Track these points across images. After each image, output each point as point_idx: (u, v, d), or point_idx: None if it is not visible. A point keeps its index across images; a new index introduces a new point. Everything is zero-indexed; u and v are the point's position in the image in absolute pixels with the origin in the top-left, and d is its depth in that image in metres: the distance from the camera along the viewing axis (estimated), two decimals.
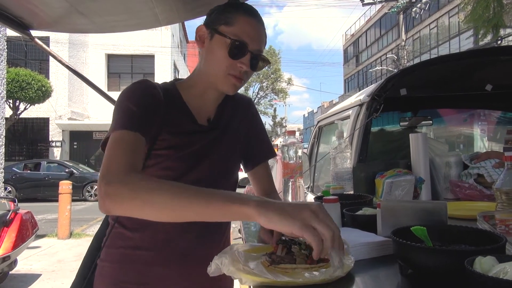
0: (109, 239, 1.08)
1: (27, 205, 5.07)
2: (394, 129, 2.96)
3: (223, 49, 1.01)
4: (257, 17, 1.06)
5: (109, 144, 0.90)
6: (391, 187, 1.68)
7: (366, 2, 19.38)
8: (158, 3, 1.42)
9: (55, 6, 1.37)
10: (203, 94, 1.12)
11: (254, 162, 1.28)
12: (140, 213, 0.79)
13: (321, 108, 44.37)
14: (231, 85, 1.05)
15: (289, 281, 0.71)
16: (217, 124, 1.15)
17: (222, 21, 1.03)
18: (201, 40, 1.07)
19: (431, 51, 22.33)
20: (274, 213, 0.69)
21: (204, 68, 1.08)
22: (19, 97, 13.24)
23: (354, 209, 1.22)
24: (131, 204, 0.78)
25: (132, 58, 19.64)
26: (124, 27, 1.70)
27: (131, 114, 0.94)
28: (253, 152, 1.27)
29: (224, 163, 1.15)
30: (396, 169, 1.79)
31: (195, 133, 1.09)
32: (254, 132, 1.27)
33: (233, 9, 1.05)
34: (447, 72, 2.05)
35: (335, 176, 1.73)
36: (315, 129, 2.87)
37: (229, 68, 1.02)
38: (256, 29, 1.04)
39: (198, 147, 1.08)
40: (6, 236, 3.97)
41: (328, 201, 1.20)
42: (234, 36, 1.01)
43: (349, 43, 36.98)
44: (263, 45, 1.07)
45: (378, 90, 1.82)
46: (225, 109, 1.18)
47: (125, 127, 0.91)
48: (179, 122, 1.07)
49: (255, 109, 1.30)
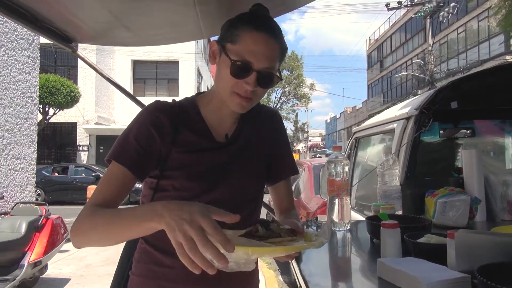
0: (136, 253, 1.10)
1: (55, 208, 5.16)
2: (433, 140, 2.84)
3: (227, 68, 0.96)
4: (266, 31, 0.96)
5: (103, 175, 0.99)
6: (444, 207, 1.58)
7: (391, 6, 19.06)
8: (203, 16, 1.38)
9: (100, 20, 1.35)
10: (219, 109, 1.07)
11: (275, 179, 1.21)
12: (96, 244, 0.95)
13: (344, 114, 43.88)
14: (237, 104, 1.00)
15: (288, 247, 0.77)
16: (235, 140, 1.10)
17: (229, 38, 0.98)
18: (213, 56, 1.03)
19: (459, 55, 21.73)
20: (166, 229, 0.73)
21: (215, 85, 1.06)
22: (49, 102, 13.60)
23: (414, 235, 1.13)
24: (85, 241, 0.91)
25: (157, 64, 19.93)
26: (167, 40, 1.68)
27: (127, 146, 0.97)
28: (275, 168, 1.19)
29: (244, 181, 1.08)
30: (448, 188, 1.69)
31: (210, 150, 1.05)
32: (277, 147, 1.20)
33: (239, 23, 0.98)
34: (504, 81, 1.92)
35: (383, 194, 1.64)
36: (351, 141, 2.77)
37: (234, 87, 0.97)
38: (263, 45, 0.95)
39: (212, 165, 1.03)
40: (38, 241, 4.04)
41: (387, 226, 1.12)
42: (236, 55, 0.95)
43: (373, 48, 36.47)
44: (274, 61, 0.98)
45: (427, 103, 1.72)
46: (246, 124, 1.13)
47: (116, 159, 0.96)
48: (192, 139, 1.03)
49: (280, 123, 1.23)
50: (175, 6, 1.30)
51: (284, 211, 1.21)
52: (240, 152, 1.09)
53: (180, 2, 1.27)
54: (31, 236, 4.00)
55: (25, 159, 5.41)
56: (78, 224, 0.90)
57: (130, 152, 0.96)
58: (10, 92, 5.12)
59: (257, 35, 0.95)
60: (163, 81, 20.15)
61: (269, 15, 1.05)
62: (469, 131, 2.64)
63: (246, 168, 1.10)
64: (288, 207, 1.22)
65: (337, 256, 1.44)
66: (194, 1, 1.25)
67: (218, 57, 1.01)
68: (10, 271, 3.71)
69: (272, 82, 1.00)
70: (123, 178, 0.95)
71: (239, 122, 1.12)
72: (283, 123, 1.26)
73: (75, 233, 0.90)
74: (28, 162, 5.49)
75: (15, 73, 5.23)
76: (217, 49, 1.01)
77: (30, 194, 5.52)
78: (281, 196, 1.22)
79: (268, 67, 0.97)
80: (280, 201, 1.23)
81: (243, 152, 1.10)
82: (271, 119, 1.20)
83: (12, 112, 5.14)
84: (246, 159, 1.10)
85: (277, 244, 0.77)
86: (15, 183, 5.15)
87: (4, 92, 4.99)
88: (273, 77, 0.99)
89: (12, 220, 4.04)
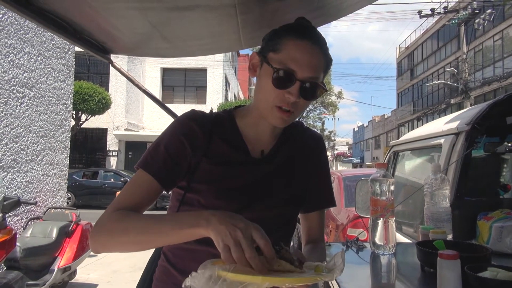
0: (157, 270, 1.09)
1: (85, 212, 5.24)
2: (477, 155, 2.68)
3: (269, 78, 0.91)
4: (311, 39, 0.92)
5: (129, 181, 0.97)
6: (501, 232, 1.45)
7: (423, 14, 18.64)
8: (243, 26, 1.33)
9: (139, 31, 1.32)
10: (257, 123, 1.02)
11: (309, 208, 1.12)
12: (120, 249, 0.92)
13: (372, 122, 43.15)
14: (278, 118, 0.94)
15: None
16: (272, 158, 1.03)
17: (271, 48, 0.93)
18: (254, 68, 0.99)
19: (495, 64, 20.96)
20: (214, 232, 0.73)
21: (255, 98, 1.00)
22: (82, 109, 14.02)
23: (475, 267, 1.01)
24: (109, 245, 0.88)
25: (185, 72, 20.24)
26: (206, 51, 1.64)
27: (156, 156, 0.95)
28: (311, 197, 1.11)
29: (276, 204, 1.01)
30: (503, 210, 1.55)
31: (243, 165, 0.99)
32: (317, 174, 1.12)
33: (284, 32, 0.94)
34: None
35: (431, 216, 1.52)
36: (389, 154, 2.65)
37: (275, 100, 0.92)
38: (307, 53, 0.91)
39: (244, 183, 0.97)
40: (68, 247, 4.09)
41: (445, 257, 1.01)
42: (279, 64, 0.90)
43: (404, 56, 35.77)
44: (318, 71, 0.92)
45: (480, 118, 1.60)
46: (287, 144, 1.06)
47: (144, 167, 0.94)
48: (225, 151, 0.99)
49: (324, 150, 1.16)
50: (217, 16, 1.26)
51: (312, 242, 1.13)
52: (276, 171, 1.02)
53: (223, 12, 1.22)
54: (62, 242, 4.06)
55: (58, 164, 5.53)
56: (101, 227, 0.88)
57: (159, 162, 0.94)
58: (46, 99, 5.25)
59: (301, 43, 0.91)
60: (191, 88, 20.43)
61: (313, 26, 1.00)
62: None
63: (282, 190, 1.03)
64: (316, 239, 1.13)
65: (381, 283, 1.34)
66: (237, 11, 1.20)
67: (259, 69, 0.96)
68: (41, 276, 3.76)
69: (315, 94, 0.94)
70: (148, 186, 0.93)
71: (279, 140, 1.05)
72: (326, 150, 1.18)
73: (97, 236, 0.88)
74: (61, 167, 5.60)
75: (51, 81, 5.37)
76: (257, 61, 0.97)
77: (62, 199, 5.63)
78: (312, 226, 1.14)
79: (312, 77, 0.91)
80: (310, 231, 1.15)
81: (280, 172, 1.03)
82: (315, 143, 1.13)
83: (47, 119, 5.27)
84: (283, 180, 1.03)
85: (287, 273, 0.74)
86: (48, 188, 5.26)
87: (40, 100, 5.12)
88: (317, 88, 0.93)
89: (44, 225, 4.11)
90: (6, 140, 4.49)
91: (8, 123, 4.52)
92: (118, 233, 0.86)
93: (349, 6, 1.48)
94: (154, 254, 1.20)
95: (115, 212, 0.88)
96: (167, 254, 1.05)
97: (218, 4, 1.16)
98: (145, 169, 0.93)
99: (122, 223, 0.86)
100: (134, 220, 0.86)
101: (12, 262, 3.62)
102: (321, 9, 1.42)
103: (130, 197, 0.92)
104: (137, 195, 0.92)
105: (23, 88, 4.77)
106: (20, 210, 4.72)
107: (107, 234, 0.87)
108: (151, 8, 1.15)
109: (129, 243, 0.86)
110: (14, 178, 4.63)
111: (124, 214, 0.87)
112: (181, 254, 1.02)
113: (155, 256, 1.18)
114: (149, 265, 1.19)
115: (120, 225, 0.86)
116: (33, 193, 4.95)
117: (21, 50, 4.75)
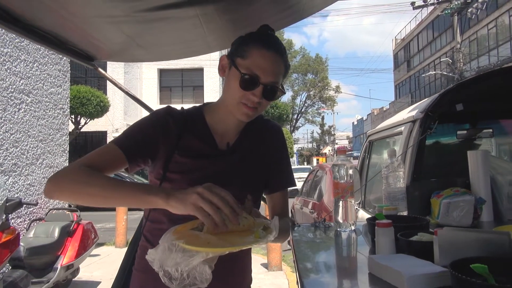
0: (138, 249, 1.21)
1: (87, 214, 5.38)
2: (450, 142, 2.83)
3: (237, 80, 1.06)
4: (273, 49, 1.08)
5: (98, 148, 1.07)
6: (448, 208, 1.61)
7: (416, 5, 18.73)
8: (210, 33, 1.49)
9: (116, 40, 1.48)
10: (224, 119, 1.17)
11: (272, 189, 1.30)
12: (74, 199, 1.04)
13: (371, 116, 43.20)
14: (243, 113, 1.09)
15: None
16: (236, 149, 1.18)
17: (239, 54, 1.08)
18: (223, 69, 1.14)
19: (490, 52, 21.03)
20: (176, 201, 0.87)
21: (223, 96, 1.15)
22: (80, 113, 14.13)
23: (409, 233, 1.18)
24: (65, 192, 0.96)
25: (182, 72, 20.35)
26: (179, 55, 1.80)
27: (129, 136, 1.08)
28: (273, 180, 1.28)
29: (242, 189, 1.13)
30: (453, 188, 1.71)
31: (211, 157, 1.14)
32: (276, 160, 1.29)
33: (250, 41, 1.09)
34: (509, 83, 1.94)
35: (388, 196, 1.69)
36: (365, 144, 2.82)
37: (241, 98, 1.07)
38: (270, 61, 1.07)
39: (212, 172, 1.12)
40: (70, 245, 4.23)
41: (381, 225, 1.18)
42: (246, 69, 1.05)
43: (400, 48, 35.81)
44: (279, 76, 1.09)
45: (432, 106, 1.76)
46: (249, 135, 1.21)
47: (116, 142, 1.05)
48: (195, 145, 1.13)
49: (282, 138, 1.32)
50: (184, 26, 1.42)
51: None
52: (239, 161, 1.18)
53: (189, 22, 1.38)
54: (64, 241, 4.19)
55: (58, 167, 5.70)
56: (64, 175, 0.97)
57: (131, 140, 1.07)
58: (43, 104, 5.42)
59: (267, 52, 1.07)
60: (188, 88, 20.56)
61: (275, 35, 1.16)
62: (490, 131, 2.62)
63: (244, 178, 1.18)
64: (280, 214, 1.26)
65: (341, 254, 1.51)
66: (201, 21, 1.36)
67: (228, 70, 1.12)
68: (45, 274, 3.90)
69: (276, 95, 1.11)
70: (115, 155, 1.03)
71: (242, 133, 1.21)
72: (285, 138, 1.34)
73: (57, 181, 0.96)
74: None
75: (47, 86, 5.53)
76: (226, 63, 1.13)
77: (63, 201, 5.81)
78: (276, 204, 1.32)
79: (274, 82, 1.08)
80: (274, 209, 1.32)
81: (243, 162, 1.18)
82: (274, 134, 1.29)
83: (45, 124, 5.43)
84: (245, 169, 1.19)
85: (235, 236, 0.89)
86: None
87: (37, 105, 5.29)
88: (277, 90, 1.10)
89: (46, 226, 4.24)
90: (6, 145, 4.66)
91: (8, 128, 4.69)
92: (80, 184, 0.94)
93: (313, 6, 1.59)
94: (135, 236, 1.36)
95: (82, 167, 0.98)
96: (146, 235, 1.18)
97: (183, 15, 1.31)
98: (116, 144, 1.05)
99: (87, 176, 0.95)
100: (99, 177, 0.96)
101: (16, 261, 3.75)
102: (286, 11, 1.54)
103: (97, 159, 1.02)
104: (103, 159, 1.02)
105: (20, 94, 4.94)
106: (22, 212, 4.90)
107: (69, 182, 0.96)
108: (123, 22, 1.30)
109: (87, 195, 0.95)
110: (15, 181, 4.81)
111: (90, 170, 0.97)
112: (159, 234, 1.15)
113: (136, 237, 1.33)
114: (131, 246, 1.34)
115: (85, 177, 0.95)
116: (34, 195, 5.13)
117: (17, 58, 4.91)
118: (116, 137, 1.09)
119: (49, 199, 1.18)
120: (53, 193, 0.96)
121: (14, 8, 1.20)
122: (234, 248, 0.87)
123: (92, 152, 1.05)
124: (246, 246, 0.90)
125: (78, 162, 1.01)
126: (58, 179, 0.97)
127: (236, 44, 1.13)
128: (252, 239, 0.90)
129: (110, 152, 1.04)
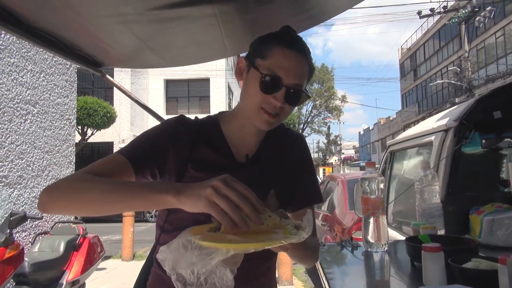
0: (150, 278, 1.09)
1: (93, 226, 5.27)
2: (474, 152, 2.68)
3: (256, 83, 0.95)
4: (297, 49, 0.97)
5: (104, 157, 0.97)
6: (492, 225, 1.46)
7: (423, 14, 18.64)
8: (227, 35, 1.37)
9: (126, 43, 1.37)
10: (242, 128, 1.05)
11: (297, 206, 1.13)
12: (72, 210, 0.90)
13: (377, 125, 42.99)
14: (264, 120, 0.97)
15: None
16: (256, 161, 1.05)
17: (258, 54, 0.97)
18: (240, 72, 1.03)
19: (498, 61, 20.84)
20: (187, 198, 0.75)
21: (241, 101, 1.03)
22: (87, 123, 14.15)
23: (459, 259, 1.03)
24: (62, 203, 0.85)
25: (188, 83, 20.39)
26: (193, 59, 1.68)
27: (137, 146, 0.98)
28: (297, 196, 1.12)
29: None
30: (494, 204, 1.56)
31: (228, 170, 0.98)
32: (301, 173, 1.14)
33: (271, 40, 0.98)
34: None
35: (423, 212, 1.53)
36: (386, 154, 2.66)
37: (261, 103, 0.96)
38: (293, 62, 0.96)
39: None
40: (75, 260, 4.12)
41: (429, 249, 1.03)
42: (266, 70, 0.94)
43: (406, 57, 35.70)
44: (303, 79, 0.98)
45: (467, 113, 1.62)
46: (269, 146, 1.09)
47: (122, 153, 0.95)
48: (210, 157, 1.01)
49: (305, 148, 1.18)
50: (200, 26, 1.30)
51: None
52: (261, 174, 1.04)
53: (205, 22, 1.26)
54: (69, 255, 4.08)
55: None
56: (59, 183, 0.86)
57: (138, 151, 0.97)
58: (50, 115, 5.34)
59: (289, 52, 0.96)
60: (195, 98, 20.58)
61: (299, 36, 1.04)
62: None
63: (266, 193, 1.05)
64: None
65: (374, 280, 1.36)
66: (218, 21, 1.24)
67: (246, 73, 1.00)
68: None
69: (299, 100, 0.98)
70: (121, 167, 0.92)
71: (262, 143, 1.08)
72: (308, 148, 1.20)
73: (49, 190, 0.85)
74: None
75: (54, 97, 5.46)
76: (244, 65, 1.01)
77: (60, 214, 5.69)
78: None
79: (297, 84, 0.96)
80: None
81: (264, 174, 1.05)
82: (296, 143, 1.16)
83: (51, 135, 5.35)
84: (267, 182, 1.04)
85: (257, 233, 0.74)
86: None
87: (44, 116, 5.21)
88: (301, 94, 0.98)
89: (51, 240, 4.15)
90: (12, 157, 4.57)
91: (13, 140, 4.60)
92: (77, 191, 0.83)
93: (332, 10, 1.52)
94: (147, 262, 1.22)
95: (82, 174, 0.88)
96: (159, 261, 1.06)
97: (199, 14, 1.20)
98: (122, 154, 0.95)
99: (87, 182, 0.84)
100: (99, 181, 0.84)
101: (21, 277, 3.65)
102: (304, 13, 1.46)
103: (100, 169, 0.90)
104: (106, 169, 0.90)
105: (26, 105, 4.86)
106: (27, 225, 4.78)
107: (64, 189, 0.85)
108: (134, 21, 1.19)
109: (86, 201, 0.83)
110: (20, 194, 4.70)
111: (88, 175, 0.87)
112: None
113: (148, 263, 1.19)
114: (142, 272, 1.19)
115: (81, 183, 0.84)
116: None
117: (23, 68, 4.85)
118: (122, 147, 0.99)
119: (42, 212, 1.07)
120: (45, 205, 0.84)
121: (15, 7, 1.09)
122: (259, 246, 0.70)
123: (98, 161, 0.94)
124: (274, 243, 0.72)
125: (81, 170, 0.91)
126: (52, 189, 0.85)
127: (255, 45, 1.01)
128: (282, 235, 0.74)
129: (115, 162, 0.93)
